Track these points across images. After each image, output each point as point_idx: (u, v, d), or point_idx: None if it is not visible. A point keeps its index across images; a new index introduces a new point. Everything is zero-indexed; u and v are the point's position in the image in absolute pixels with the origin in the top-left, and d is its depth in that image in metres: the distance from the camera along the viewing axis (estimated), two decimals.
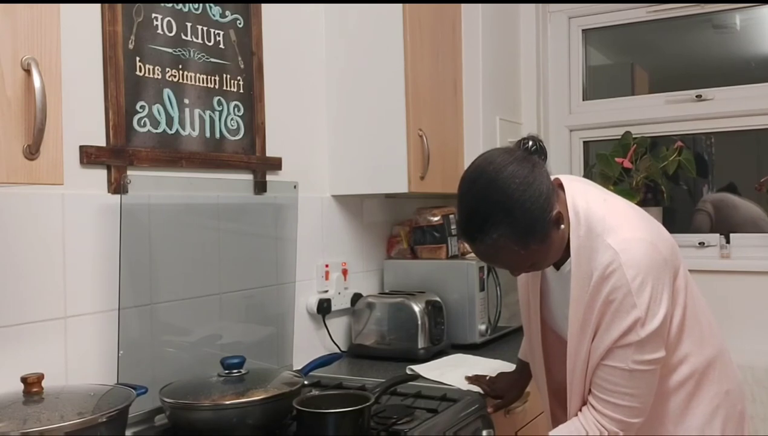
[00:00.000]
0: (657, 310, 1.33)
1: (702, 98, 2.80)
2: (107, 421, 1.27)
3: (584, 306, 1.38)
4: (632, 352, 1.33)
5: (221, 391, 1.54)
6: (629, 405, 1.36)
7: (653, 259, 1.34)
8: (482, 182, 1.36)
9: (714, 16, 2.86)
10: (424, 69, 2.32)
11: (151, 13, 1.74)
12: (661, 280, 1.34)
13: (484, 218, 1.34)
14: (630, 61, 3.19)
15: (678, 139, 2.79)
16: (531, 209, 1.32)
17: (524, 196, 1.32)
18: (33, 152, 1.13)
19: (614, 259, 1.33)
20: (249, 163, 2.02)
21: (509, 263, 1.41)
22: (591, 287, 1.36)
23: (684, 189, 2.96)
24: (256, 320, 2.02)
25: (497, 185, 1.33)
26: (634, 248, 1.34)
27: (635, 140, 2.77)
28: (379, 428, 1.58)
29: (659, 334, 1.34)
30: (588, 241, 1.37)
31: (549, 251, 1.40)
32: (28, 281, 1.47)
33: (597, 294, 1.35)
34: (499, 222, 1.32)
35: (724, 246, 2.74)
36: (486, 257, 1.42)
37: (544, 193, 1.34)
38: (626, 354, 1.34)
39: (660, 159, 2.73)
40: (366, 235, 2.56)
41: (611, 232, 1.36)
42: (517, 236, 1.33)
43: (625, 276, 1.32)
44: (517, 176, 1.32)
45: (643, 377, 1.35)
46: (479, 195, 1.36)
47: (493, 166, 1.35)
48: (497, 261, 1.43)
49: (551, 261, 1.45)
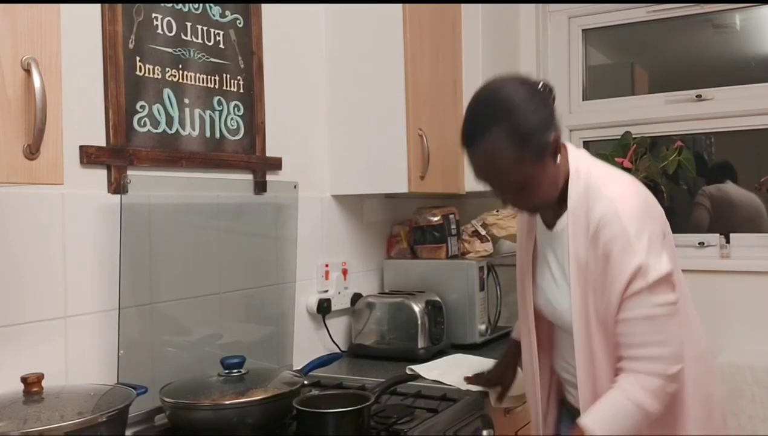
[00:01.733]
0: (659, 255, 1.34)
1: (702, 98, 2.80)
2: (107, 421, 1.27)
3: (584, 260, 1.39)
4: (645, 297, 1.32)
5: (221, 391, 1.54)
6: (661, 354, 1.33)
7: (648, 211, 1.40)
8: (490, 89, 1.43)
9: (714, 16, 2.86)
10: (424, 69, 2.32)
11: (151, 13, 1.74)
12: (656, 232, 1.38)
13: (485, 116, 1.37)
14: (630, 61, 3.19)
15: (678, 139, 2.78)
16: (532, 118, 1.35)
17: (527, 105, 1.35)
18: (33, 152, 1.13)
19: (609, 208, 1.36)
20: (249, 163, 2.02)
21: (500, 176, 1.38)
22: (589, 238, 1.38)
23: (684, 189, 2.96)
24: (256, 320, 2.02)
25: (504, 92, 1.38)
26: (629, 199, 1.38)
27: (635, 140, 2.77)
28: (379, 428, 1.58)
29: (667, 280, 1.34)
30: (586, 194, 1.40)
31: (541, 180, 1.39)
32: (28, 281, 1.47)
33: (595, 245, 1.37)
34: (498, 120, 1.35)
35: (724, 246, 2.74)
36: (480, 165, 1.40)
37: (548, 114, 1.39)
38: (639, 301, 1.33)
39: (660, 159, 2.73)
40: (366, 235, 2.56)
41: (608, 185, 1.41)
42: (513, 139, 1.34)
43: (622, 224, 1.34)
44: (524, 89, 1.39)
45: (664, 321, 1.34)
46: (485, 99, 1.41)
47: (503, 80, 1.43)
48: (489, 172, 1.39)
49: (542, 199, 1.43)
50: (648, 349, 1.34)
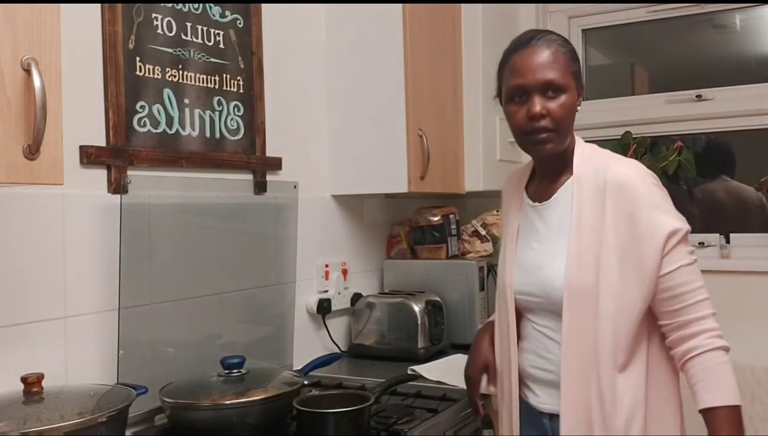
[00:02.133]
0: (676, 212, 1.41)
1: (702, 98, 2.80)
2: (107, 421, 1.27)
3: (591, 223, 1.40)
4: (682, 248, 1.39)
5: (221, 391, 1.54)
6: (707, 296, 1.41)
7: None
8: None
9: (714, 16, 2.86)
10: (424, 69, 2.32)
11: (151, 13, 1.74)
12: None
13: (544, 31, 1.51)
14: (630, 61, 3.18)
15: (678, 139, 2.78)
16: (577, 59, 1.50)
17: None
18: (33, 152, 1.13)
19: (629, 171, 1.42)
20: (249, 163, 2.02)
21: (554, 67, 1.43)
22: (604, 200, 1.40)
23: (684, 189, 2.96)
24: (256, 320, 2.02)
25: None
26: (642, 168, 1.45)
27: (635, 140, 2.77)
28: (379, 428, 1.59)
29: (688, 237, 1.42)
30: (593, 162, 1.46)
31: (573, 108, 1.45)
32: (28, 281, 1.47)
33: (616, 206, 1.39)
34: (556, 36, 1.48)
35: (724, 246, 2.73)
36: (535, 57, 1.44)
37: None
38: (680, 253, 1.38)
39: (660, 159, 2.73)
40: (366, 235, 2.56)
41: (617, 158, 1.49)
42: (568, 49, 1.47)
43: (645, 184, 1.40)
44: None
45: (697, 268, 1.42)
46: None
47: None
48: (544, 63, 1.43)
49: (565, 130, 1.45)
50: (699, 293, 1.40)
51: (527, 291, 1.52)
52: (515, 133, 1.50)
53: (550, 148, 1.45)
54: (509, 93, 1.47)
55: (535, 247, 1.52)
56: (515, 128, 1.48)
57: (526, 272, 1.53)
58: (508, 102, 1.48)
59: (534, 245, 1.52)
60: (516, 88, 1.45)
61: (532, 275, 1.51)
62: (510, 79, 1.46)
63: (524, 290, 1.53)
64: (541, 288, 1.48)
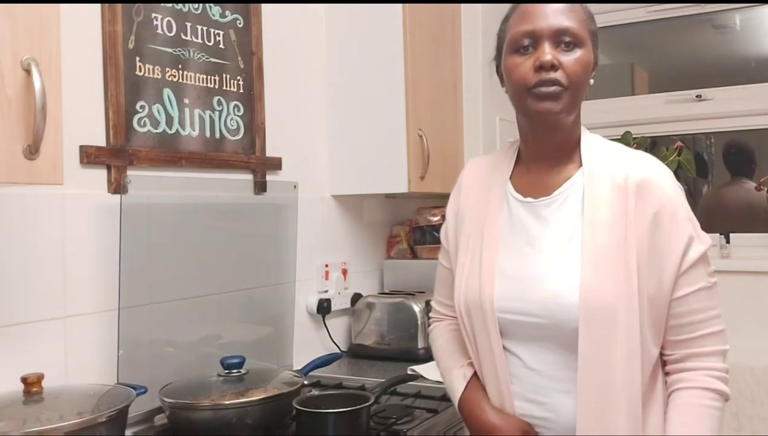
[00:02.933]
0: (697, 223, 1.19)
1: (702, 98, 2.80)
2: (107, 421, 1.27)
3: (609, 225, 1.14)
4: (703, 266, 1.16)
5: (221, 391, 1.54)
6: (722, 328, 1.17)
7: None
8: None
9: (714, 16, 2.86)
10: (424, 69, 2.32)
11: (151, 13, 1.74)
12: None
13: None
14: (630, 61, 3.19)
15: (678, 139, 2.78)
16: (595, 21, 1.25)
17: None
18: (33, 152, 1.13)
19: (653, 168, 1.19)
20: (249, 163, 2.02)
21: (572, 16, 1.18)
22: (627, 198, 1.15)
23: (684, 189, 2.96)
24: (255, 320, 2.02)
25: None
26: (662, 163, 1.23)
27: (635, 140, 2.77)
28: (379, 428, 1.58)
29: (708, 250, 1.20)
30: (603, 146, 1.24)
31: (588, 70, 1.21)
32: (28, 281, 1.47)
33: (641, 207, 1.14)
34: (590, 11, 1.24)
35: (724, 246, 2.73)
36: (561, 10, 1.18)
37: None
38: (700, 271, 1.16)
39: (660, 159, 2.73)
40: (366, 235, 2.56)
41: (630, 151, 1.26)
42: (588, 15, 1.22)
43: (671, 185, 1.18)
44: None
45: (716, 293, 1.18)
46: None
47: None
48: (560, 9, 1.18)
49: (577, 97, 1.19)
50: (712, 324, 1.17)
51: (521, 310, 1.17)
52: (516, 91, 1.20)
53: (559, 108, 1.16)
54: (514, 42, 1.19)
55: (528, 252, 1.20)
56: (517, 83, 1.18)
57: (517, 283, 1.18)
58: (511, 53, 1.20)
59: (527, 249, 1.20)
60: (524, 34, 1.17)
61: (528, 288, 1.17)
62: (516, 26, 1.19)
63: (515, 309, 1.17)
64: (543, 306, 1.15)
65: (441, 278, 1.42)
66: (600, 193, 1.17)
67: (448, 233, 1.37)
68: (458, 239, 1.30)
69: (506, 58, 1.21)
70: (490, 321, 1.19)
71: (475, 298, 1.20)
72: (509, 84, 1.22)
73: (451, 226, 1.35)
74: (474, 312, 1.21)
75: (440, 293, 1.43)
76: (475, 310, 1.21)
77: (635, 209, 1.15)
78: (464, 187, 1.34)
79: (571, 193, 1.21)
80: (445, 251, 1.39)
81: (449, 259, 1.36)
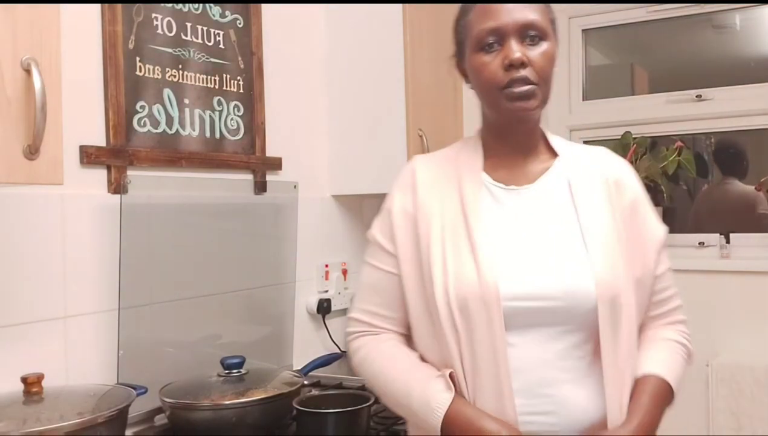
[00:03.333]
0: None
1: (702, 98, 2.80)
2: (107, 421, 1.28)
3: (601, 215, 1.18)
4: (666, 248, 1.27)
5: (221, 391, 1.54)
6: (681, 303, 1.29)
7: None
8: None
9: (714, 16, 2.86)
10: (424, 69, 2.32)
11: (151, 13, 1.74)
12: None
13: None
14: (630, 61, 3.18)
15: (678, 139, 2.78)
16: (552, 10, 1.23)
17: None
18: (33, 152, 1.13)
19: (619, 157, 1.29)
20: (249, 163, 2.02)
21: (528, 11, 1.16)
22: (608, 190, 1.21)
23: (684, 189, 2.96)
24: (256, 320, 2.02)
25: None
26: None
27: (635, 140, 2.76)
28: (378, 428, 1.59)
29: None
30: (562, 140, 1.29)
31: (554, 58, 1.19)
32: (28, 281, 1.47)
33: (620, 197, 1.22)
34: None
35: (724, 246, 2.73)
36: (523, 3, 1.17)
37: None
38: (666, 252, 1.27)
39: (660, 159, 2.73)
40: (366, 235, 2.55)
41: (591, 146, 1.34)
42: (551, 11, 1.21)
43: (636, 175, 1.28)
44: None
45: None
46: None
47: None
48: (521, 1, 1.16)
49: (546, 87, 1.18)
50: (677, 298, 1.29)
51: (535, 294, 1.11)
52: (487, 91, 1.18)
53: (533, 105, 1.16)
54: (478, 40, 1.17)
55: (529, 237, 1.17)
56: (487, 83, 1.16)
57: (526, 269, 1.14)
58: (476, 52, 1.17)
59: (526, 235, 1.17)
60: (488, 32, 1.15)
61: (540, 272, 1.13)
62: (479, 23, 1.17)
63: (528, 294, 1.11)
64: (560, 288, 1.11)
65: (376, 285, 1.27)
66: (583, 182, 1.21)
67: (394, 233, 1.25)
68: (418, 237, 1.21)
69: (471, 57, 1.19)
70: (495, 311, 1.09)
71: (474, 289, 1.11)
72: (478, 83, 1.20)
73: (400, 225, 1.25)
74: (473, 305, 1.11)
75: (374, 303, 1.28)
76: (474, 302, 1.10)
77: (616, 198, 1.21)
78: (420, 184, 1.27)
79: (553, 179, 1.22)
80: (386, 254, 1.25)
81: (393, 262, 1.24)
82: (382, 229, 1.30)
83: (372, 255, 1.30)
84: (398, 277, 1.23)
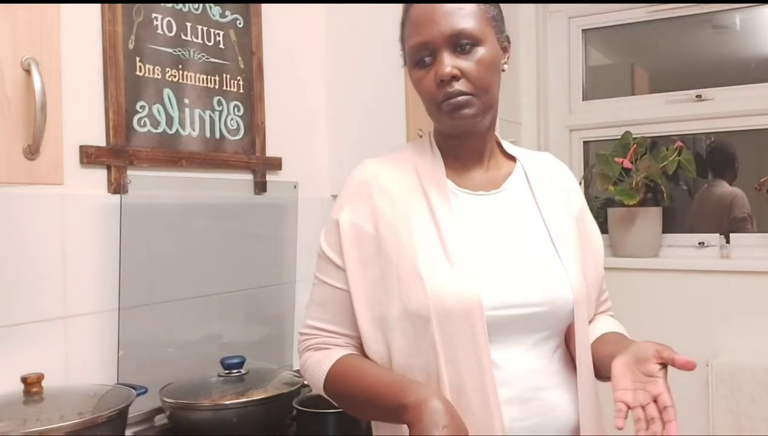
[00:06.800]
0: None
1: (702, 98, 2.80)
2: (107, 421, 1.28)
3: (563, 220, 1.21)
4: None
5: (221, 391, 1.54)
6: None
7: None
8: None
9: (714, 16, 2.86)
10: None
11: (151, 13, 1.74)
12: None
13: None
14: (630, 61, 3.18)
15: (678, 139, 2.78)
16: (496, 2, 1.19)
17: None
18: (33, 152, 1.13)
19: (565, 165, 1.33)
20: (249, 163, 2.02)
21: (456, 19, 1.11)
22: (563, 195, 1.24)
23: (684, 189, 2.96)
24: (256, 320, 2.02)
25: None
26: None
27: (635, 140, 2.77)
28: None
29: None
30: (518, 148, 1.31)
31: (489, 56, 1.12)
32: (28, 281, 1.47)
33: (569, 203, 1.25)
34: None
35: (724, 246, 2.73)
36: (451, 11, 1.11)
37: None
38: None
39: (660, 159, 2.73)
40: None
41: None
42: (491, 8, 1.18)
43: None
44: None
45: None
46: None
47: None
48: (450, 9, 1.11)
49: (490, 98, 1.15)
50: (609, 298, 1.33)
51: (518, 302, 1.09)
52: (426, 106, 1.17)
53: (471, 114, 1.12)
54: (411, 56, 1.15)
55: (504, 244, 1.14)
56: (425, 98, 1.15)
57: (507, 276, 1.10)
58: (413, 67, 1.15)
59: (501, 241, 1.14)
60: (419, 47, 1.12)
61: (522, 279, 1.11)
62: (410, 38, 1.14)
63: (512, 302, 1.08)
64: (543, 293, 1.11)
65: (324, 300, 1.23)
66: (544, 185, 1.23)
67: (343, 246, 1.17)
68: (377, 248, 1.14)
69: (410, 72, 1.17)
70: (478, 322, 1.05)
71: (454, 301, 1.05)
72: (421, 98, 1.17)
73: (350, 238, 1.16)
74: (455, 317, 1.05)
75: (322, 319, 1.22)
76: (456, 314, 1.05)
77: (569, 203, 1.24)
78: (378, 194, 1.19)
79: (517, 185, 1.22)
80: (335, 268, 1.19)
81: (340, 276, 1.18)
82: (329, 240, 1.22)
83: (319, 268, 1.25)
84: (347, 293, 1.17)
